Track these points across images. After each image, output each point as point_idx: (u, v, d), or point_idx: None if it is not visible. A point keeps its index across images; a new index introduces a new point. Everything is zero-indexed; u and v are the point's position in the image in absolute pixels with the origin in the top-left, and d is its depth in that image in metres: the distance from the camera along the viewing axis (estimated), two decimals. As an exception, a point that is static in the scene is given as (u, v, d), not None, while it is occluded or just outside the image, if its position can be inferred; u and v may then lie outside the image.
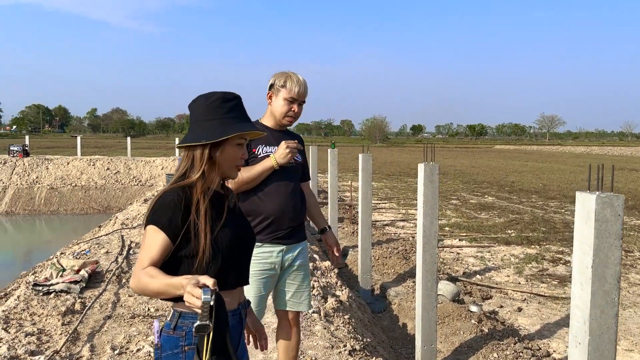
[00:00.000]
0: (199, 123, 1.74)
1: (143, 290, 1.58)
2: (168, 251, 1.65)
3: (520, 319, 6.36)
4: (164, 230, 1.64)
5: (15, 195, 22.35)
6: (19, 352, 3.28)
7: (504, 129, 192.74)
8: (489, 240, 10.74)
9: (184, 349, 1.64)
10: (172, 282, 1.50)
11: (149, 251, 1.62)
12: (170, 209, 1.66)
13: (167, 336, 1.66)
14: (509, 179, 24.21)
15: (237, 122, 1.75)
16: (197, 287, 1.39)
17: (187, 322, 1.65)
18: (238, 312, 1.80)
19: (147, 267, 1.59)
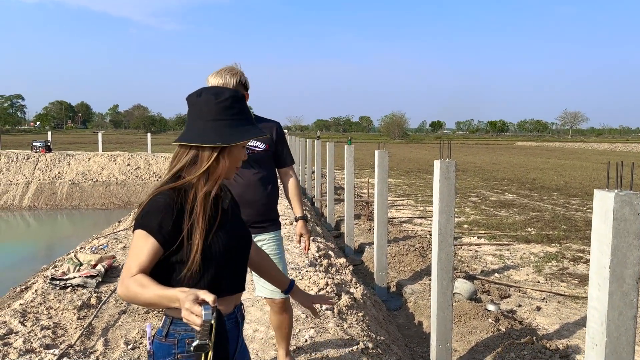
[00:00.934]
0: (206, 122, 1.62)
1: (133, 299, 1.49)
2: (158, 257, 1.54)
3: (539, 319, 6.25)
4: (154, 236, 1.53)
5: (37, 190, 22.75)
6: (34, 346, 3.32)
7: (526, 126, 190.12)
8: (509, 238, 10.59)
9: (177, 356, 1.57)
10: (166, 294, 1.40)
11: (138, 257, 1.51)
12: (161, 212, 1.55)
13: (160, 343, 1.60)
14: (530, 176, 23.88)
15: (245, 124, 1.66)
16: (197, 303, 1.31)
17: (179, 329, 1.58)
18: (234, 316, 1.73)
19: (135, 274, 1.49)
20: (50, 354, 3.20)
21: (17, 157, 23.97)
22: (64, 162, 24.05)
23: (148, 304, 1.47)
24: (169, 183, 1.63)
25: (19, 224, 20.47)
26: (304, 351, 3.30)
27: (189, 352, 1.55)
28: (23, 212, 21.85)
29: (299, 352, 3.30)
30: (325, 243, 6.92)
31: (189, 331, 1.57)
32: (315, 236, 7.28)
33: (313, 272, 4.99)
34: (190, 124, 1.65)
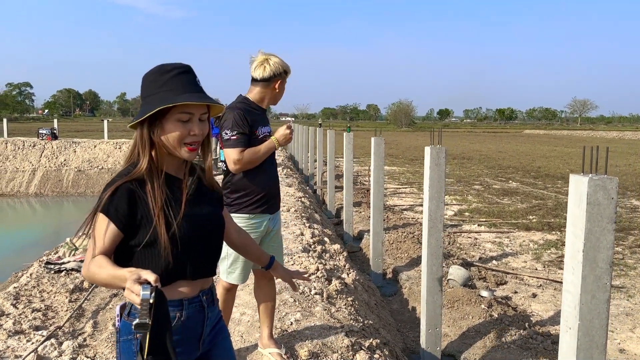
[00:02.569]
0: (142, 100, 1.61)
1: (92, 279, 1.52)
2: (118, 240, 1.57)
3: (534, 305, 6.27)
4: (112, 219, 1.54)
5: (44, 177, 22.93)
6: (24, 327, 3.39)
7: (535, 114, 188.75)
8: (509, 225, 10.58)
9: (136, 336, 1.58)
10: (117, 274, 1.42)
11: (98, 240, 1.54)
12: (119, 196, 1.55)
13: (124, 321, 1.62)
14: (535, 164, 23.76)
15: (172, 95, 1.55)
16: (138, 282, 1.31)
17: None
18: (198, 300, 1.70)
19: (97, 255, 1.52)
20: (38, 335, 3.26)
21: (24, 145, 24.15)
22: (70, 149, 24.20)
23: (104, 284, 1.49)
24: (126, 168, 1.62)
25: (25, 211, 20.68)
26: (289, 334, 3.34)
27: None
28: (29, 198, 22.05)
29: (283, 334, 3.34)
30: (321, 230, 6.95)
31: None
32: (312, 223, 7.31)
33: (305, 258, 5.03)
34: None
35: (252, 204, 2.90)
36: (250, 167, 2.85)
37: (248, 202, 2.89)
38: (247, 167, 2.84)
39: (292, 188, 10.59)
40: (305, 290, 4.16)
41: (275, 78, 2.92)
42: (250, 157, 2.81)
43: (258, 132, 2.88)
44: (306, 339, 3.23)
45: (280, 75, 2.93)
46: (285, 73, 2.95)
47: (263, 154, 2.86)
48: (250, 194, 2.90)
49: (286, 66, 2.95)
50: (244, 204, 2.89)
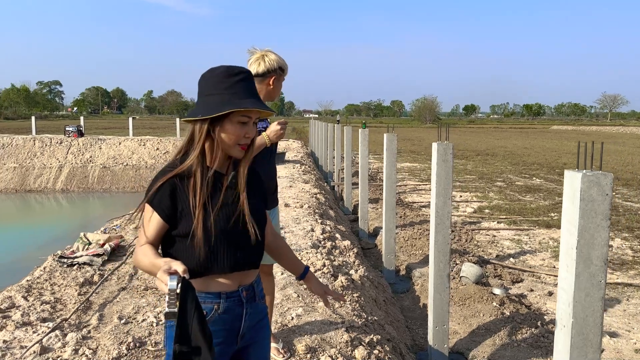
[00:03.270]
0: (202, 97, 1.67)
1: (138, 266, 1.62)
2: (163, 230, 1.65)
3: (549, 304, 6.16)
4: (156, 210, 1.63)
5: (70, 173, 23.45)
6: (32, 319, 3.48)
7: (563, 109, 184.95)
8: (529, 223, 10.41)
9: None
10: (155, 262, 1.51)
11: (146, 230, 1.64)
12: (161, 188, 1.64)
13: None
14: (561, 161, 23.30)
15: (240, 98, 1.64)
16: (167, 273, 1.38)
17: None
18: (236, 295, 1.73)
19: (144, 244, 1.62)
20: (44, 327, 3.35)
21: (51, 142, 24.72)
22: (96, 146, 24.67)
23: (146, 271, 1.59)
24: (175, 160, 1.70)
25: (52, 206, 21.18)
26: (289, 328, 3.35)
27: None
28: (56, 194, 22.59)
29: (283, 329, 3.35)
30: (334, 226, 6.95)
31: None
32: (325, 219, 7.31)
33: (313, 254, 5.03)
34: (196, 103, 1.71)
35: None
36: None
37: None
38: None
39: (309, 185, 10.60)
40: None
41: (269, 74, 2.93)
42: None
43: None
44: (305, 334, 3.24)
45: (275, 72, 2.93)
46: (282, 70, 2.95)
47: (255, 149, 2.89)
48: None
49: (282, 63, 2.94)
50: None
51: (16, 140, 24.92)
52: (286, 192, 9.56)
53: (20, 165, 23.93)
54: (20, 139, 25.00)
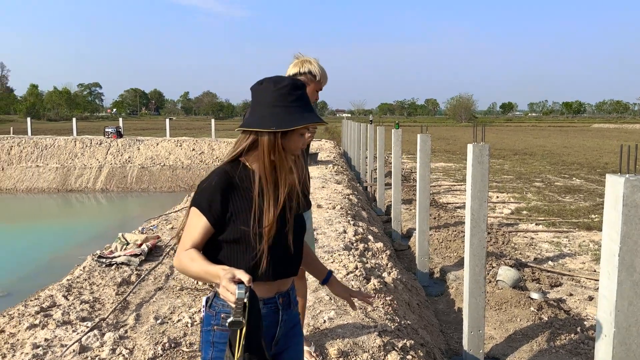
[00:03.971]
0: (265, 108, 1.68)
1: (184, 271, 1.63)
2: (209, 234, 1.66)
3: (589, 309, 5.99)
4: (205, 214, 1.64)
5: (109, 173, 24.08)
6: (71, 318, 3.58)
7: (605, 107, 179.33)
8: (569, 225, 10.14)
9: (214, 327, 1.68)
10: (210, 270, 1.53)
11: (191, 233, 1.64)
12: (213, 192, 1.65)
13: (207, 313, 1.72)
14: (602, 160, 22.62)
15: (303, 111, 1.69)
16: (233, 282, 1.41)
17: (219, 303, 1.69)
18: (273, 302, 1.76)
19: (189, 248, 1.62)
20: (83, 326, 3.44)
21: (91, 143, 25.44)
22: (134, 147, 25.26)
23: (195, 276, 1.61)
24: (225, 165, 1.72)
25: (92, 205, 21.80)
26: (320, 332, 3.35)
27: (223, 326, 1.67)
28: (96, 194, 23.23)
29: (315, 332, 3.35)
30: (366, 227, 6.92)
31: (226, 307, 1.67)
32: (357, 221, 7.28)
33: (345, 256, 5.02)
34: (252, 111, 1.73)
35: None
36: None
37: None
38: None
39: (341, 185, 10.58)
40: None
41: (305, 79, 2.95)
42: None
43: None
44: (338, 337, 3.23)
45: (308, 77, 2.94)
46: (312, 75, 2.93)
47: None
48: None
49: (305, 68, 2.91)
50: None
51: (58, 141, 25.75)
52: (318, 193, 9.57)
53: (62, 165, 24.71)
54: (62, 140, 25.81)
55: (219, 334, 1.67)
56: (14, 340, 3.28)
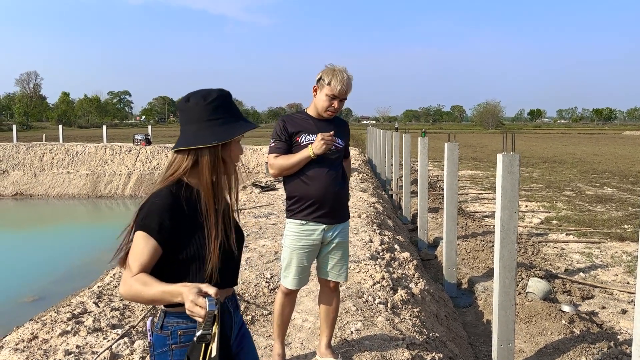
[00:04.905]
0: (198, 124, 1.68)
1: (135, 297, 1.55)
2: (157, 257, 1.60)
3: (622, 322, 5.83)
4: (154, 236, 1.59)
5: (138, 180, 24.50)
6: (102, 325, 3.63)
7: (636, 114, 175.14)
8: (601, 235, 9.91)
9: (171, 347, 1.66)
10: (168, 289, 1.48)
11: (140, 258, 1.57)
12: (161, 213, 1.61)
13: (157, 335, 1.69)
14: (634, 169, 22.06)
15: (237, 120, 1.72)
16: (200, 295, 1.39)
17: (172, 321, 1.67)
18: (226, 306, 1.79)
19: (137, 274, 1.56)
20: (114, 333, 3.49)
21: (120, 150, 25.92)
22: (162, 154, 25.65)
23: (150, 300, 1.54)
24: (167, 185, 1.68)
25: (121, 211, 22.17)
26: (348, 343, 3.33)
27: (180, 342, 1.66)
28: (125, 200, 23.66)
29: (342, 343, 3.33)
30: (392, 236, 6.87)
31: (180, 323, 1.66)
32: (383, 229, 7.24)
33: (372, 266, 4.98)
34: (183, 129, 1.71)
35: (303, 211, 2.97)
36: (286, 172, 2.95)
37: (299, 208, 2.98)
38: (282, 172, 2.96)
39: (366, 193, 10.55)
40: (369, 299, 4.13)
41: (314, 85, 3.01)
42: (282, 163, 2.92)
43: (301, 140, 2.97)
44: (365, 349, 3.21)
45: (317, 82, 2.99)
46: (323, 81, 2.95)
47: (296, 161, 2.91)
48: (300, 200, 2.97)
49: (331, 77, 2.92)
50: (296, 210, 2.99)
51: (88, 148, 26.31)
52: (345, 201, 9.55)
53: (92, 172, 25.24)
54: (92, 147, 26.37)
55: (178, 351, 1.65)
56: (47, 346, 3.34)
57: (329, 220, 3.00)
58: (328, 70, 2.98)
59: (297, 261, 2.99)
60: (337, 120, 3.13)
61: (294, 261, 2.99)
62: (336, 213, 3.03)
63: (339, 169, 3.06)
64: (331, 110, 2.98)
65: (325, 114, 3.01)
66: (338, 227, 3.06)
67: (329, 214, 2.99)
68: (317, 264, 3.14)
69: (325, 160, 2.95)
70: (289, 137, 2.97)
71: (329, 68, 2.98)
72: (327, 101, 2.95)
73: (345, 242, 3.11)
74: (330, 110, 2.98)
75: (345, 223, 3.12)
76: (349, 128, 3.23)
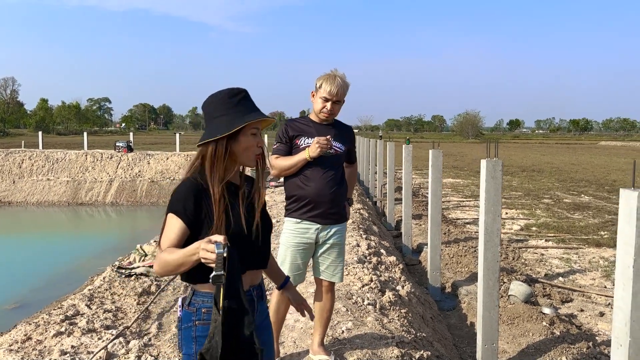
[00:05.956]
0: (212, 120, 1.89)
1: (165, 266, 1.71)
2: (185, 236, 1.78)
3: (600, 324, 6.02)
4: (180, 217, 1.78)
5: (119, 187, 24.29)
6: (96, 326, 3.68)
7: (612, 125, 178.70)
8: (579, 241, 10.17)
9: (195, 323, 1.81)
10: (187, 250, 1.64)
11: (168, 236, 1.78)
12: (186, 197, 1.81)
13: (185, 311, 1.85)
14: (610, 177, 22.60)
15: (245, 114, 1.86)
16: (210, 243, 1.56)
17: (198, 299, 1.83)
18: (249, 294, 1.89)
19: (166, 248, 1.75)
20: (108, 334, 3.54)
21: (102, 157, 25.70)
22: (144, 161, 25.50)
23: (177, 265, 1.68)
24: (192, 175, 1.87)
25: (102, 219, 21.97)
26: (339, 341, 3.43)
27: (203, 320, 1.80)
28: (106, 207, 23.42)
29: (334, 342, 3.43)
30: (378, 241, 7.00)
31: (205, 302, 1.82)
32: (369, 235, 7.36)
33: (360, 269, 5.10)
34: (206, 127, 1.93)
35: (299, 210, 3.12)
36: (285, 173, 3.13)
37: (296, 207, 3.14)
38: (281, 172, 3.14)
39: (352, 200, 10.67)
40: (358, 301, 4.23)
41: (313, 91, 3.19)
42: (280, 164, 3.11)
43: (300, 142, 3.14)
44: (356, 347, 3.31)
45: (315, 88, 3.16)
46: (318, 85, 3.12)
47: (294, 162, 3.08)
48: (298, 200, 3.13)
49: (323, 80, 3.10)
50: (293, 208, 3.15)
51: (69, 155, 26.04)
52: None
53: (72, 179, 24.96)
54: (73, 154, 26.10)
55: (201, 327, 1.80)
56: (42, 347, 3.37)
57: (323, 221, 3.12)
58: (323, 75, 3.14)
59: (291, 258, 3.12)
60: (340, 125, 3.29)
61: (288, 258, 3.13)
62: (331, 214, 3.14)
63: (337, 171, 3.18)
64: (325, 111, 3.13)
65: (320, 116, 3.16)
66: (333, 228, 3.17)
67: (323, 214, 3.12)
68: (313, 264, 3.25)
69: (323, 162, 3.09)
70: (290, 140, 3.14)
71: (326, 73, 3.14)
72: (320, 103, 3.12)
73: (340, 243, 3.23)
74: (324, 111, 3.13)
75: (341, 225, 3.23)
76: (353, 134, 3.38)
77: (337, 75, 3.12)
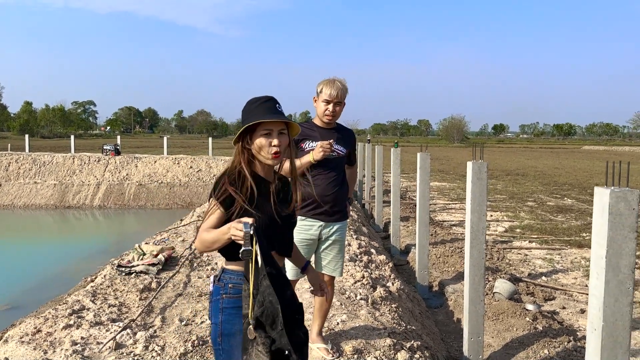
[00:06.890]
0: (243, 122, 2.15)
1: (203, 243, 1.99)
2: (223, 220, 2.03)
3: (581, 321, 6.28)
4: (220, 204, 2.04)
5: (107, 190, 24.26)
6: (103, 319, 3.84)
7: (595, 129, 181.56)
8: (561, 242, 10.48)
9: (222, 296, 2.08)
10: (221, 229, 1.92)
11: (209, 219, 2.04)
12: (223, 187, 2.05)
13: (215, 286, 2.12)
14: (592, 181, 23.08)
15: (260, 116, 2.08)
16: (240, 223, 1.81)
17: (227, 276, 2.10)
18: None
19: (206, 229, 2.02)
20: (115, 326, 3.71)
21: (89, 160, 25.65)
22: (132, 164, 25.49)
23: (212, 242, 1.96)
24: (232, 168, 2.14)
25: (90, 222, 21.92)
26: (335, 332, 3.63)
27: (230, 294, 2.07)
28: (94, 210, 23.38)
29: (330, 333, 3.63)
30: (368, 242, 7.22)
31: (232, 278, 2.09)
32: (359, 235, 7.58)
33: (352, 266, 5.31)
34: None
35: (303, 208, 3.33)
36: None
37: (300, 206, 3.30)
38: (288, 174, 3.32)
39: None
40: (351, 296, 4.44)
41: (314, 96, 3.41)
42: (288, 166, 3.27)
43: (305, 146, 3.37)
44: (351, 337, 3.51)
45: (316, 93, 3.39)
46: (319, 90, 3.36)
47: (299, 165, 3.27)
48: (302, 199, 3.28)
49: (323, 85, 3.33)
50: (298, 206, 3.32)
51: (56, 158, 25.93)
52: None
53: (60, 182, 24.87)
54: (60, 157, 26.00)
55: (227, 300, 2.06)
56: (52, 338, 3.53)
57: (326, 218, 3.35)
58: (323, 80, 3.38)
59: None
60: (341, 129, 3.52)
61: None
62: (333, 212, 3.37)
63: (339, 172, 3.41)
64: (328, 114, 3.35)
65: (324, 119, 3.38)
66: (335, 225, 3.39)
67: (326, 212, 3.34)
68: (315, 259, 3.46)
69: (327, 164, 3.33)
70: (295, 143, 3.33)
71: (325, 79, 3.36)
72: (323, 106, 3.34)
73: (341, 240, 3.45)
74: (327, 113, 3.35)
75: (342, 222, 3.46)
76: (354, 138, 3.61)
77: (337, 79, 3.36)
